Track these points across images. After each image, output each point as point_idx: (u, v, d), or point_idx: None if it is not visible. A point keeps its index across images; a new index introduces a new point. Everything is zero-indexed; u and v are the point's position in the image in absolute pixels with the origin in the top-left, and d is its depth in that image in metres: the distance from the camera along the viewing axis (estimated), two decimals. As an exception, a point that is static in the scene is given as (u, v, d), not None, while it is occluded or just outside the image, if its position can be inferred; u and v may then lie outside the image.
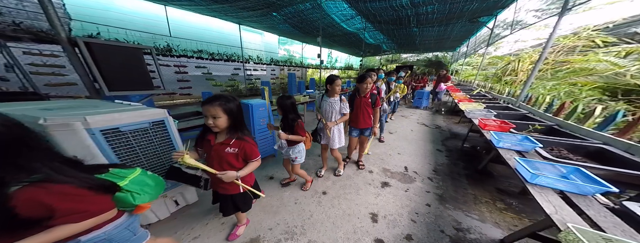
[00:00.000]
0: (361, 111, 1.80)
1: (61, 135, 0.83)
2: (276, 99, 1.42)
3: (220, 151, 0.90)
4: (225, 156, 0.90)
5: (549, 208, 0.89)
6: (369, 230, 1.36)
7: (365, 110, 1.80)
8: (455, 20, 5.57)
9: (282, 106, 1.37)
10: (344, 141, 1.79)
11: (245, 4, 4.19)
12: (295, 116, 1.38)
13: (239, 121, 0.89)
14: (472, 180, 2.03)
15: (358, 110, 1.81)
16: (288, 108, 1.37)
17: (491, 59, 9.56)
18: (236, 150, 0.90)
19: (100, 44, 1.88)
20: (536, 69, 2.73)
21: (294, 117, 1.37)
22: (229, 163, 0.91)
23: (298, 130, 1.38)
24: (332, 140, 1.71)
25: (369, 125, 1.88)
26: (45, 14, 1.49)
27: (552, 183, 1.05)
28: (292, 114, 1.37)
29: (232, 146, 0.89)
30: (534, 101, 3.06)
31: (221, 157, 0.90)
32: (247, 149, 0.91)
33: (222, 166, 0.91)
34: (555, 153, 1.51)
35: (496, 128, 2.00)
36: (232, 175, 0.88)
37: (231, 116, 0.84)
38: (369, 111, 1.81)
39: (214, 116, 0.80)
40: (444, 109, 5.69)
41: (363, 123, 1.85)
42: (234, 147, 0.90)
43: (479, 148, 2.82)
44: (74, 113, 0.93)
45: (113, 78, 1.95)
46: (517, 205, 1.68)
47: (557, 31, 2.45)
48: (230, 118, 0.84)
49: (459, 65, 11.44)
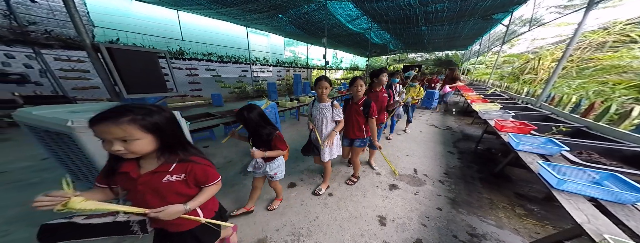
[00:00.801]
0: (351, 119, 1.56)
1: (86, 136, 0.89)
2: (236, 113, 1.13)
3: (155, 182, 0.61)
4: (167, 188, 0.63)
5: (580, 217, 0.81)
6: (376, 233, 1.32)
7: (354, 118, 1.55)
8: (466, 18, 5.36)
9: (247, 121, 1.09)
10: (336, 152, 1.56)
11: (252, 7, 4.31)
12: (270, 128, 1.15)
13: (175, 138, 0.63)
14: (487, 184, 1.92)
15: (348, 117, 1.58)
16: (256, 122, 1.11)
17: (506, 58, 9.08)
18: (182, 176, 0.64)
19: (120, 49, 2.00)
20: (559, 66, 2.55)
21: (269, 130, 1.14)
22: (179, 193, 0.66)
23: (277, 144, 1.15)
24: (324, 153, 1.48)
25: (358, 136, 1.60)
26: (72, 21, 1.61)
27: (582, 190, 0.95)
28: (265, 128, 1.13)
29: (175, 172, 0.63)
30: (558, 101, 2.84)
31: (159, 190, 0.62)
32: (198, 173, 0.66)
33: (168, 201, 0.63)
34: (584, 157, 1.39)
35: (515, 129, 1.87)
36: (176, 209, 0.62)
37: (159, 133, 0.57)
38: (359, 121, 1.54)
39: (123, 139, 0.51)
40: (455, 109, 5.45)
41: (351, 133, 1.62)
42: (178, 173, 0.63)
43: (495, 150, 2.66)
44: None
45: (131, 81, 2.06)
46: (539, 211, 1.55)
47: (583, 26, 2.27)
48: (157, 137, 0.57)
49: (470, 64, 10.97)
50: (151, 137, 0.56)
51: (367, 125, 1.60)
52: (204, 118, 2.98)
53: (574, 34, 2.35)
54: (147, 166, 0.62)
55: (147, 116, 0.54)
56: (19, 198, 1.54)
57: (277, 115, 2.27)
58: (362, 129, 1.58)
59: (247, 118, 1.10)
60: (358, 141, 1.65)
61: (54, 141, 1.14)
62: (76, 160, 1.16)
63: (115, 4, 4.51)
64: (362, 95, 1.49)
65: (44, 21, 3.39)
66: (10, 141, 2.67)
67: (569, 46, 2.38)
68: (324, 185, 1.76)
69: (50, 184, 1.74)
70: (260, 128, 1.13)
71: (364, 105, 1.50)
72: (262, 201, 1.63)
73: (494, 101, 3.54)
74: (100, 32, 4.16)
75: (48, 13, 3.42)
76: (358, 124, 1.56)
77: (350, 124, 1.59)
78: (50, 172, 1.91)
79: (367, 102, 1.50)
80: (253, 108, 1.11)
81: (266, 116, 1.16)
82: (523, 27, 5.10)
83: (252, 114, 1.11)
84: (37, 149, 2.18)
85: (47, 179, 1.83)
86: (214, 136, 3.02)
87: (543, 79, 5.94)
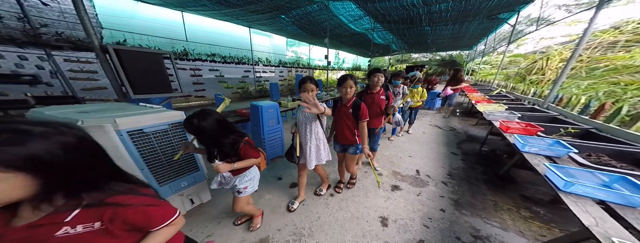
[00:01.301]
0: (341, 123, 1.42)
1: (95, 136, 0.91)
2: (184, 122, 0.86)
3: (41, 239, 0.40)
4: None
5: (588, 220, 0.79)
6: (378, 234, 1.31)
7: (344, 122, 1.40)
8: (471, 18, 5.28)
9: (200, 130, 0.83)
10: (325, 157, 1.41)
11: (255, 8, 4.35)
12: (236, 135, 0.94)
13: (74, 174, 0.41)
14: (491, 186, 1.89)
15: (338, 120, 1.44)
16: (213, 131, 0.86)
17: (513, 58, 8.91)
18: (97, 225, 0.43)
19: (127, 50, 2.05)
20: (568, 66, 2.49)
21: (234, 138, 0.93)
22: None
23: (248, 152, 0.98)
24: (309, 159, 1.34)
25: (351, 142, 1.44)
26: (82, 24, 1.66)
27: (591, 192, 0.93)
28: (227, 137, 0.91)
29: (78, 221, 0.42)
30: (566, 102, 2.78)
31: None
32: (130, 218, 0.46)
33: None
34: (593, 159, 1.35)
35: (521, 130, 1.84)
36: None
37: (39, 170, 0.36)
38: (350, 125, 1.40)
39: None
40: (459, 110, 5.37)
41: (342, 138, 1.46)
42: (86, 222, 0.43)
43: (499, 151, 2.61)
44: (105, 116, 1.01)
45: (137, 82, 2.10)
46: (545, 213, 1.52)
47: (593, 25, 2.22)
48: (38, 176, 0.37)
49: (475, 64, 10.81)
50: (22, 177, 0.35)
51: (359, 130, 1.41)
52: (207, 118, 3.02)
53: (583, 33, 2.29)
54: (24, 217, 0.40)
55: (11, 146, 0.33)
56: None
57: (279, 116, 2.28)
58: (355, 133, 1.42)
59: (198, 126, 0.82)
60: (352, 148, 1.47)
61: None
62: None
63: (122, 6, 4.62)
64: (352, 96, 1.33)
65: (54, 23, 3.50)
66: None
67: (579, 45, 2.33)
68: (324, 185, 1.74)
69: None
70: (220, 138, 0.89)
71: (353, 107, 1.33)
72: (271, 204, 1.64)
73: (500, 102, 3.48)
74: (107, 33, 4.27)
75: (58, 15, 3.53)
76: (349, 128, 1.40)
77: (340, 129, 1.43)
78: None
79: (356, 103, 1.33)
80: (207, 114, 0.85)
81: (227, 121, 0.93)
82: (530, 26, 5.00)
83: (206, 122, 0.83)
84: None
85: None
86: (218, 135, 3.05)
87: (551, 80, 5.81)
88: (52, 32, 3.44)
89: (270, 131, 2.18)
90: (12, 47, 3.15)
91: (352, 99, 1.34)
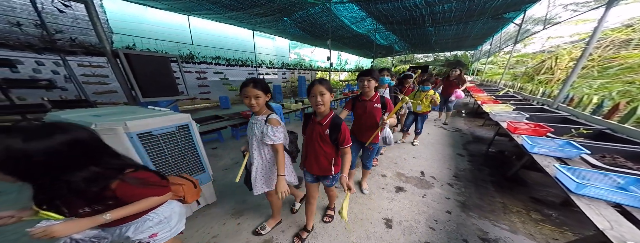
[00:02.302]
0: (313, 145, 0.99)
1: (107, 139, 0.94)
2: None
3: None
4: None
5: (602, 223, 0.76)
6: (382, 236, 1.30)
7: (317, 145, 0.98)
8: (476, 18, 5.22)
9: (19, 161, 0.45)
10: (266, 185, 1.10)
11: (258, 11, 4.44)
12: (102, 169, 0.56)
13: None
14: (499, 188, 1.84)
15: (309, 142, 1.02)
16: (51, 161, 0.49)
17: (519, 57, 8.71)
18: None
19: (136, 54, 2.12)
20: (579, 66, 2.42)
21: (96, 173, 0.55)
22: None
23: (132, 192, 0.62)
24: (253, 182, 1.08)
25: (325, 173, 1.04)
26: (95, 30, 1.73)
27: (605, 195, 0.90)
28: (83, 169, 0.53)
29: None
30: (577, 102, 2.69)
31: None
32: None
33: None
34: (608, 161, 1.30)
35: (529, 131, 1.79)
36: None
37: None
38: (325, 150, 0.98)
39: None
40: (465, 111, 5.28)
41: (315, 167, 1.03)
42: None
43: (507, 153, 2.55)
44: (117, 119, 1.05)
45: (146, 85, 2.16)
46: (557, 216, 1.47)
47: (603, 23, 2.16)
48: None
49: (481, 64, 10.62)
50: None
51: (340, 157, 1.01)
52: (212, 120, 3.09)
53: (594, 31, 2.23)
54: None
55: None
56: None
57: (282, 117, 2.30)
58: (331, 161, 1.00)
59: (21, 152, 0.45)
60: (327, 180, 1.10)
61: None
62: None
63: (131, 11, 4.80)
64: (329, 109, 0.94)
65: (69, 29, 3.67)
66: None
67: (589, 44, 2.26)
68: (271, 222, 1.33)
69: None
70: (66, 171, 0.51)
71: (331, 127, 0.92)
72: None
73: (507, 102, 3.40)
74: (117, 38, 4.43)
75: (72, 21, 3.69)
76: (324, 153, 0.98)
77: (312, 153, 1.01)
78: None
79: (335, 123, 0.93)
80: (50, 130, 0.49)
81: (98, 144, 0.58)
82: (537, 25, 4.90)
83: (40, 144, 0.47)
84: None
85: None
86: (222, 138, 3.10)
87: (560, 79, 5.64)
88: (66, 38, 3.60)
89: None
90: (31, 54, 3.32)
91: (329, 116, 0.94)
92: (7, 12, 3.21)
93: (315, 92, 0.88)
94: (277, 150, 0.97)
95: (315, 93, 0.88)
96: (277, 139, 0.95)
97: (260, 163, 1.07)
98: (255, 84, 0.89)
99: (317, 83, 0.88)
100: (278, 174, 0.95)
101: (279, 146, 0.97)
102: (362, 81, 1.33)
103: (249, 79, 0.90)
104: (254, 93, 0.89)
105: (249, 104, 0.91)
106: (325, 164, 1.02)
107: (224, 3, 4.02)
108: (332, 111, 0.98)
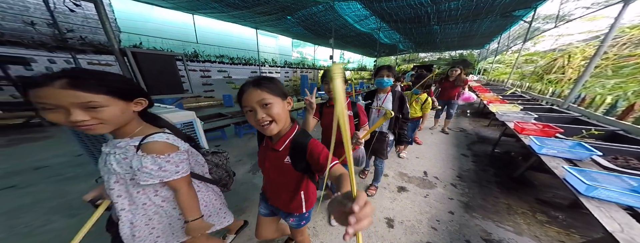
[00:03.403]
0: (267, 175, 0.72)
1: None
2: None
3: None
4: None
5: (612, 226, 0.74)
6: (384, 235, 1.29)
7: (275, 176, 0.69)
8: (483, 16, 5.09)
9: None
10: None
11: (262, 9, 4.45)
12: None
13: None
14: (504, 189, 1.80)
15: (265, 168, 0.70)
16: None
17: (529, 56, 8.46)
18: None
19: (142, 53, 2.16)
20: (592, 64, 2.34)
21: None
22: None
23: None
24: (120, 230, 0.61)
25: (290, 210, 0.72)
26: (104, 29, 1.77)
27: (616, 197, 0.87)
28: None
29: None
30: (589, 102, 2.60)
31: None
32: None
33: None
34: (620, 163, 1.26)
35: (537, 132, 1.75)
36: None
37: None
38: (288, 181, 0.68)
39: None
40: (470, 110, 5.18)
41: (273, 197, 0.75)
42: None
43: (514, 153, 2.49)
44: None
45: (152, 83, 2.21)
46: (564, 218, 1.44)
47: (619, 20, 2.07)
48: None
49: (488, 63, 10.37)
50: None
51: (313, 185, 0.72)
52: (216, 118, 3.13)
53: (609, 29, 2.14)
54: None
55: None
56: (57, 191, 1.71)
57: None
58: (296, 196, 0.68)
59: None
60: (292, 219, 0.75)
61: (89, 139, 1.30)
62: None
63: (138, 10, 4.89)
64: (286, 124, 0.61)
65: (79, 28, 3.77)
66: (52, 139, 2.98)
67: (604, 42, 2.18)
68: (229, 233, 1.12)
69: (83, 179, 1.90)
70: None
71: (293, 152, 0.61)
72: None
73: (514, 102, 3.31)
74: (124, 37, 4.53)
75: (82, 21, 3.79)
76: (285, 186, 0.69)
77: (270, 182, 0.73)
78: (83, 168, 2.09)
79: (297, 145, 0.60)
80: None
81: None
82: (548, 23, 4.73)
83: None
84: (73, 147, 2.42)
85: (80, 174, 2.00)
86: (226, 135, 3.14)
87: (572, 79, 5.46)
88: (77, 37, 3.71)
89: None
90: (44, 52, 3.43)
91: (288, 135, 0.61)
92: (21, 11, 3.32)
93: (251, 103, 0.51)
94: (177, 189, 0.59)
95: (250, 105, 0.51)
96: (169, 174, 0.55)
97: (139, 213, 0.60)
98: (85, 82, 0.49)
99: (252, 86, 0.52)
100: (187, 219, 0.61)
101: (179, 183, 0.58)
102: (327, 83, 0.96)
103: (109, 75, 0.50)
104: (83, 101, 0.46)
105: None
106: (286, 199, 0.68)
107: (228, 2, 4.05)
108: (296, 123, 0.64)
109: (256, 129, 0.59)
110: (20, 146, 2.69)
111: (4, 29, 3.20)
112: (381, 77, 1.28)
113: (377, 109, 1.38)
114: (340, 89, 0.22)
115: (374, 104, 1.40)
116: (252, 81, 0.54)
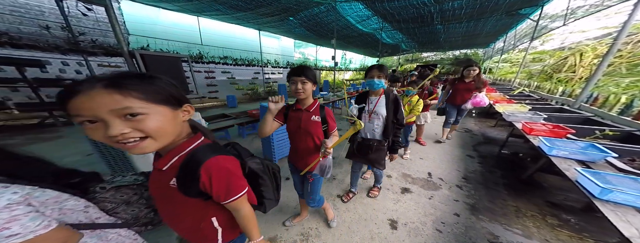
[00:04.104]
0: (157, 200, 0.53)
1: None
2: None
3: None
4: None
5: (628, 230, 0.70)
6: (387, 237, 1.28)
7: (164, 199, 0.50)
8: (488, 15, 4.99)
9: None
10: None
11: (264, 11, 4.50)
12: None
13: None
14: (512, 191, 1.75)
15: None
16: None
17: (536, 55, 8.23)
18: None
19: (150, 54, 2.23)
20: (605, 63, 2.26)
21: None
22: None
23: None
24: None
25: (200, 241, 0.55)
26: (114, 31, 1.82)
27: (633, 201, 0.83)
28: None
29: None
30: (602, 101, 2.50)
31: None
32: None
33: None
34: (638, 165, 1.21)
35: (547, 132, 1.69)
36: None
37: None
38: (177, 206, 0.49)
39: None
40: (476, 110, 5.07)
41: (174, 228, 0.54)
42: None
43: (522, 155, 2.42)
44: None
45: (159, 84, 2.27)
46: (576, 222, 1.38)
47: (634, 17, 1.99)
48: None
49: (494, 62, 10.15)
50: None
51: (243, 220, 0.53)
52: (220, 119, 3.18)
53: (623, 26, 2.06)
54: None
55: None
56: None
57: (288, 115, 2.32)
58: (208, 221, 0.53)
59: None
60: None
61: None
62: (115, 155, 1.36)
63: (146, 13, 5.03)
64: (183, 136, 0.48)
65: (90, 32, 3.91)
66: (64, 138, 3.09)
67: (617, 39, 2.10)
68: None
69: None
70: None
71: (182, 170, 0.43)
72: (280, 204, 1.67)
73: (522, 102, 3.23)
74: (133, 39, 4.67)
75: (93, 24, 3.93)
76: (179, 213, 0.52)
77: (162, 214, 0.56)
78: (93, 167, 2.15)
79: (191, 163, 0.43)
80: None
81: None
82: (556, 21, 4.60)
83: None
84: (84, 146, 2.50)
85: (89, 169, 2.07)
86: (229, 136, 3.18)
87: (583, 78, 5.27)
88: (88, 40, 3.85)
89: (278, 132, 2.23)
90: (57, 55, 3.58)
91: (177, 152, 0.45)
92: (37, 16, 3.47)
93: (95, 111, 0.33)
94: None
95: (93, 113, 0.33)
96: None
97: None
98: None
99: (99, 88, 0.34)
100: None
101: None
102: (294, 83, 0.85)
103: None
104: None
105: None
106: (188, 230, 0.53)
107: (232, 4, 4.12)
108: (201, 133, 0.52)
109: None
110: (34, 145, 2.79)
111: (22, 33, 3.35)
112: (371, 79, 1.15)
113: (369, 114, 1.22)
114: None
115: (366, 108, 1.24)
116: (101, 78, 0.34)
